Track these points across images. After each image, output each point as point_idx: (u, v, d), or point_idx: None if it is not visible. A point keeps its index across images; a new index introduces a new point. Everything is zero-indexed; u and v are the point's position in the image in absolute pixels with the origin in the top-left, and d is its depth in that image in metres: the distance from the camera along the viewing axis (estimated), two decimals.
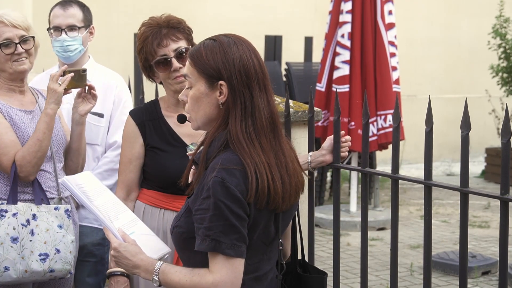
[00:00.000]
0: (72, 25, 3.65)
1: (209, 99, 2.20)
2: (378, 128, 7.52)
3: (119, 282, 3.05)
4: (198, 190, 2.17)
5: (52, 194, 3.22)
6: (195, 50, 2.22)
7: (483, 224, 7.82)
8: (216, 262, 2.11)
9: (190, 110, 2.25)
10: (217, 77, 2.17)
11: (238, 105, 2.17)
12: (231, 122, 2.17)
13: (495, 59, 10.04)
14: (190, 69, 2.22)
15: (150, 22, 3.05)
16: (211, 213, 2.09)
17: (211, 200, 2.09)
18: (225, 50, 2.18)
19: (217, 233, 2.09)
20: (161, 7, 3.78)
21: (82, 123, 3.24)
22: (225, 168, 2.11)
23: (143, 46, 3.03)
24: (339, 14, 7.58)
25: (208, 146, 2.18)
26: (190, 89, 2.22)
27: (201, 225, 2.11)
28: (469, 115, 2.73)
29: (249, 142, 2.15)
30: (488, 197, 2.76)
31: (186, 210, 2.21)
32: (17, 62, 3.21)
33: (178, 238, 2.22)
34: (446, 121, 10.31)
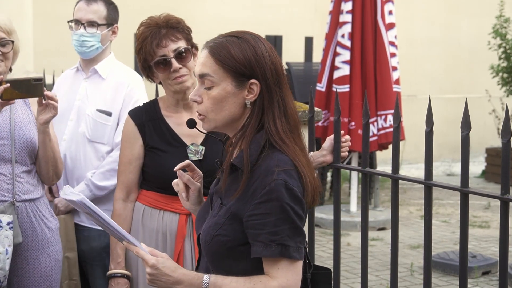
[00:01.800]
0: (92, 21, 3.60)
1: (236, 99, 2.09)
2: (378, 128, 7.52)
3: (120, 283, 3.05)
4: (246, 195, 2.05)
5: (4, 196, 3.15)
6: (219, 48, 2.09)
7: (483, 224, 7.82)
8: (280, 267, 2.02)
9: (209, 111, 2.11)
10: (248, 76, 2.08)
11: (274, 104, 2.09)
12: (268, 121, 2.08)
13: (495, 59, 10.04)
14: (213, 68, 2.09)
15: (149, 22, 3.04)
16: (275, 217, 2.00)
17: (275, 204, 2.00)
18: (254, 47, 2.09)
19: (284, 237, 2.01)
20: (160, 7, 3.77)
21: (43, 132, 3.13)
22: (284, 170, 2.03)
23: (142, 47, 3.02)
24: (339, 14, 7.58)
25: (248, 149, 2.08)
26: (210, 89, 2.10)
27: (261, 230, 2.01)
28: (469, 115, 2.73)
29: (292, 141, 2.10)
30: (488, 197, 2.75)
31: (229, 217, 2.07)
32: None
33: (220, 247, 2.08)
34: (446, 121, 10.30)
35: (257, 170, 2.05)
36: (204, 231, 2.13)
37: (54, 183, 3.35)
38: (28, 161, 3.23)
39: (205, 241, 2.10)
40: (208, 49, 2.12)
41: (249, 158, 2.05)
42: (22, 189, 3.19)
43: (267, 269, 2.04)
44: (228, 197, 2.10)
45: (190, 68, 3.03)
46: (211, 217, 2.13)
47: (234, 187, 2.08)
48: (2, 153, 3.17)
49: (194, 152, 3.04)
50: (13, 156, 3.18)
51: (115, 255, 3.07)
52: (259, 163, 2.06)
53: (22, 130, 3.20)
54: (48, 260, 3.24)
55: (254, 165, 2.06)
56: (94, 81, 3.67)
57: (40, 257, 3.23)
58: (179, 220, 3.01)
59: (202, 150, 3.04)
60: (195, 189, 2.30)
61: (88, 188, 3.53)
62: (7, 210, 3.13)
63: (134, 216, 3.09)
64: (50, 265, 3.25)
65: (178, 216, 3.01)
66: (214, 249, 2.09)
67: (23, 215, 3.19)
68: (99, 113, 3.57)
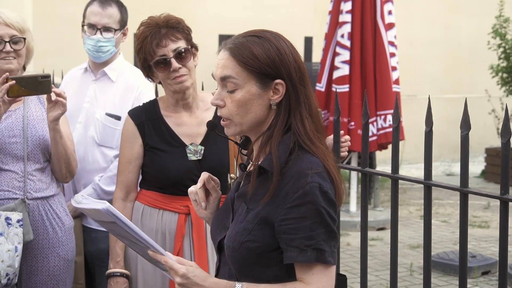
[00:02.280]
0: (108, 27, 3.56)
1: (261, 100, 2.01)
2: (378, 128, 7.52)
3: (119, 282, 3.05)
4: (277, 199, 1.97)
5: (16, 194, 3.17)
6: (241, 49, 2.01)
7: (483, 224, 7.82)
8: (314, 273, 1.95)
9: (234, 115, 2.02)
10: (273, 76, 2.00)
11: (301, 103, 2.02)
12: (296, 122, 2.01)
13: (495, 59, 10.04)
14: (236, 70, 2.00)
15: (149, 22, 3.04)
16: (311, 221, 1.93)
17: (310, 207, 1.93)
18: (276, 46, 2.01)
19: (319, 242, 1.93)
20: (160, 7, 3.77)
21: (53, 129, 3.13)
22: (317, 172, 1.96)
23: (142, 46, 3.02)
24: (339, 14, 7.58)
25: (277, 151, 1.99)
26: (233, 92, 2.01)
27: (296, 235, 1.93)
28: (469, 115, 2.73)
29: (319, 142, 2.04)
30: (488, 197, 2.75)
31: (258, 222, 1.99)
32: (4, 61, 3.19)
33: (249, 254, 1.99)
34: (446, 121, 10.31)
35: (287, 173, 1.97)
36: (229, 237, 2.03)
37: (67, 180, 3.33)
38: (41, 159, 3.23)
39: (232, 248, 2.01)
40: (228, 50, 2.03)
41: (278, 161, 1.98)
42: (34, 187, 3.19)
43: (300, 275, 1.97)
44: (255, 201, 2.02)
45: (190, 68, 3.03)
46: (237, 222, 2.04)
47: (261, 191, 2.01)
48: (14, 150, 3.18)
49: (193, 152, 3.04)
50: (25, 154, 3.19)
51: (114, 254, 3.08)
52: (289, 166, 1.98)
53: (35, 128, 3.22)
54: (57, 259, 3.25)
55: (283, 168, 1.98)
56: (103, 84, 3.64)
57: (50, 256, 3.23)
58: (178, 220, 3.02)
59: (201, 150, 3.04)
60: (217, 197, 2.21)
61: (96, 193, 3.51)
62: (18, 208, 3.14)
63: (133, 215, 3.09)
64: (58, 265, 3.25)
65: (177, 215, 3.01)
66: (242, 256, 2.01)
67: (35, 213, 3.20)
68: (108, 117, 3.54)
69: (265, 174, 2.01)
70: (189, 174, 3.00)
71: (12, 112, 3.23)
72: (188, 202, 3.01)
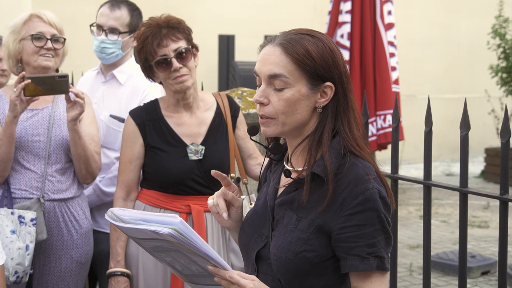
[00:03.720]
0: (114, 28, 3.56)
1: (308, 102, 1.93)
2: (378, 128, 7.52)
3: (120, 282, 3.06)
4: (333, 206, 1.90)
5: (32, 194, 3.18)
6: (296, 46, 1.92)
7: (482, 224, 7.82)
8: (373, 281, 1.89)
9: (279, 113, 1.93)
10: (324, 78, 1.93)
11: (349, 109, 1.96)
12: (344, 127, 1.95)
13: (495, 59, 10.04)
14: (289, 68, 1.91)
15: (149, 22, 3.05)
16: (372, 228, 1.87)
17: (371, 214, 1.87)
18: (330, 48, 1.95)
19: (380, 249, 1.88)
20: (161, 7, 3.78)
21: (72, 129, 3.14)
22: (374, 178, 1.91)
23: (143, 46, 3.02)
24: (338, 14, 7.58)
25: (329, 157, 1.92)
26: (281, 90, 1.92)
27: (356, 243, 1.87)
28: (468, 115, 2.74)
29: (367, 147, 1.99)
30: (487, 197, 2.76)
31: (314, 231, 1.91)
32: (43, 57, 3.22)
33: (305, 264, 1.92)
34: (445, 121, 10.31)
35: (343, 179, 1.91)
36: (280, 247, 1.94)
37: (88, 182, 3.32)
38: (63, 159, 3.24)
39: (286, 258, 1.92)
40: (280, 46, 1.93)
41: (331, 166, 1.91)
42: (52, 188, 3.20)
43: (357, 284, 1.91)
44: (305, 209, 1.94)
45: (191, 68, 3.04)
46: (287, 232, 1.95)
47: (312, 198, 1.93)
48: (36, 149, 3.20)
49: (194, 151, 3.05)
50: (47, 154, 3.20)
51: (114, 254, 3.08)
52: (344, 171, 1.91)
53: (60, 128, 3.23)
54: (70, 262, 3.25)
55: (338, 174, 1.91)
56: (111, 86, 3.65)
57: (62, 257, 3.24)
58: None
59: (202, 150, 3.05)
60: (238, 206, 2.10)
61: (95, 193, 3.53)
62: (33, 207, 3.15)
63: None
64: (70, 267, 3.25)
65: (178, 215, 3.01)
66: (297, 266, 1.92)
67: (50, 214, 3.20)
68: (112, 119, 3.55)
69: (316, 181, 1.94)
70: (190, 173, 3.01)
71: (39, 111, 3.25)
72: (189, 202, 3.02)
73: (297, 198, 1.96)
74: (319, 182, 1.92)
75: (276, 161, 2.12)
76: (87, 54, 3.80)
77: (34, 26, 3.22)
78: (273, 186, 2.06)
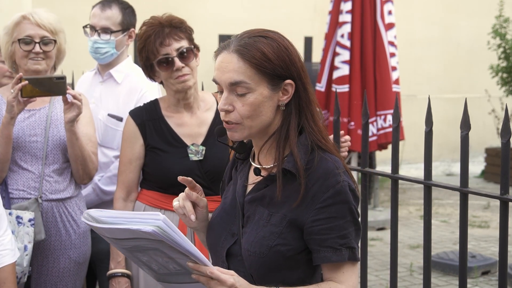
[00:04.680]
0: (106, 28, 3.58)
1: (271, 102, 1.96)
2: (378, 128, 7.52)
3: (120, 283, 3.06)
4: (305, 200, 1.94)
5: (30, 194, 3.18)
6: (252, 51, 1.94)
7: (482, 224, 7.82)
8: (345, 271, 1.95)
9: (245, 118, 1.95)
10: (283, 77, 1.95)
11: (311, 103, 2.00)
12: (308, 122, 1.99)
13: (495, 59, 10.04)
14: (249, 73, 1.93)
15: (151, 22, 3.05)
16: (343, 220, 1.92)
17: (342, 206, 1.92)
18: (285, 46, 1.96)
19: (351, 240, 1.93)
20: (161, 7, 3.77)
21: (69, 130, 3.13)
22: (343, 172, 1.95)
23: (145, 45, 3.02)
24: (338, 14, 7.58)
25: (298, 153, 1.95)
26: (244, 95, 1.94)
27: (328, 235, 1.91)
28: (468, 115, 2.74)
29: (331, 142, 2.02)
30: (487, 197, 2.76)
31: (287, 225, 1.95)
32: (33, 61, 3.21)
33: (279, 257, 1.95)
34: (445, 121, 10.31)
35: (313, 174, 1.94)
36: (253, 243, 1.98)
37: (85, 182, 3.32)
38: (61, 159, 3.24)
39: (260, 253, 1.96)
40: (236, 53, 1.95)
41: (301, 162, 1.94)
42: (49, 188, 3.20)
43: (330, 275, 1.96)
44: (276, 204, 1.98)
45: (192, 68, 3.03)
46: (260, 227, 1.98)
47: (283, 193, 1.96)
48: (34, 150, 3.19)
49: (194, 152, 3.05)
50: (44, 154, 3.20)
51: (115, 255, 3.08)
52: (314, 166, 1.95)
53: (57, 128, 3.22)
54: (68, 262, 3.25)
55: (308, 169, 1.94)
56: (109, 85, 3.67)
57: (61, 258, 3.24)
58: (180, 220, 3.01)
59: (203, 150, 3.05)
60: (204, 205, 2.12)
61: (94, 193, 3.54)
62: (30, 207, 3.15)
63: None
64: (68, 267, 3.25)
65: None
66: (271, 260, 1.96)
67: (48, 214, 3.20)
68: (110, 118, 3.56)
69: (286, 176, 1.96)
70: (190, 174, 3.00)
71: (36, 111, 3.24)
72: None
73: (268, 194, 2.00)
74: (289, 178, 1.96)
75: (242, 160, 2.15)
76: (87, 53, 3.80)
77: (23, 29, 3.20)
78: (242, 184, 2.09)
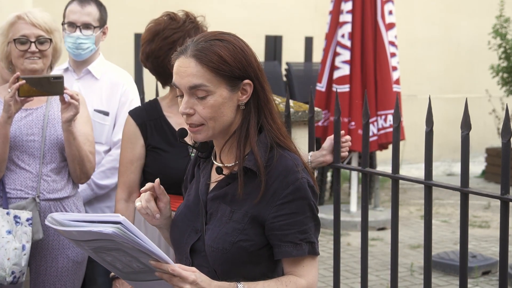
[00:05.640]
0: (87, 23, 3.65)
1: (231, 103, 2.03)
2: (379, 128, 7.52)
3: (124, 284, 3.05)
4: (265, 197, 2.00)
5: (28, 194, 3.18)
6: (209, 55, 1.99)
7: (483, 224, 7.82)
8: (305, 265, 2.02)
9: (207, 119, 2.02)
10: (241, 77, 2.02)
11: (269, 101, 2.06)
12: (267, 120, 2.06)
13: (495, 59, 10.04)
14: (207, 76, 1.99)
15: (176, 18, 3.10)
16: (303, 216, 1.99)
17: (302, 202, 1.99)
18: (240, 47, 2.03)
19: (311, 235, 2.01)
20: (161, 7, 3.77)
21: (66, 130, 3.14)
22: (302, 169, 2.02)
23: (183, 35, 3.02)
24: (339, 14, 7.58)
25: (258, 151, 2.02)
26: (204, 98, 2.00)
27: (289, 230, 1.98)
28: (469, 115, 2.73)
29: (290, 139, 2.09)
30: (488, 197, 2.76)
31: (248, 221, 2.01)
32: (29, 60, 3.21)
33: (242, 253, 2.01)
34: (446, 121, 10.31)
35: (273, 171, 2.01)
36: (215, 239, 2.03)
37: (82, 182, 3.34)
38: (58, 159, 3.24)
39: (223, 249, 2.02)
40: (193, 57, 2.00)
41: (261, 160, 2.00)
42: (47, 187, 3.20)
43: (290, 269, 2.02)
44: (238, 201, 2.03)
45: None
46: (221, 224, 2.04)
47: (245, 190, 2.02)
48: (31, 149, 3.20)
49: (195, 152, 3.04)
50: (42, 153, 3.20)
51: None
52: (273, 164, 2.01)
53: (54, 127, 3.23)
54: (66, 261, 3.25)
55: (268, 166, 2.01)
56: (87, 82, 3.71)
57: (59, 257, 3.24)
58: None
59: None
60: (167, 201, 2.18)
61: (90, 187, 3.57)
62: (28, 206, 3.15)
63: (136, 216, 3.09)
64: (67, 266, 3.25)
65: None
66: (234, 256, 2.01)
67: (46, 214, 3.19)
68: (97, 113, 3.61)
69: (247, 174, 2.03)
70: None
71: (33, 110, 3.25)
72: None
73: (230, 192, 2.06)
74: (250, 176, 2.02)
75: (204, 159, 2.20)
76: None
77: (18, 29, 3.21)
78: (204, 182, 2.14)
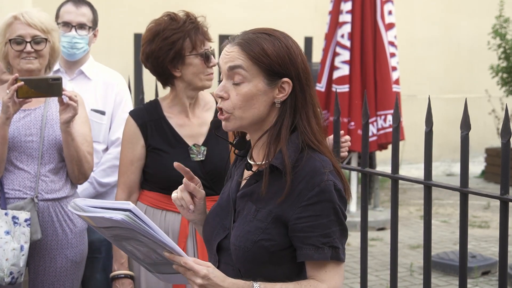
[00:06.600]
0: (83, 24, 3.71)
1: (266, 97, 2.01)
2: (378, 128, 7.53)
3: (124, 284, 3.05)
4: (290, 197, 1.98)
5: (26, 194, 3.18)
6: (252, 44, 2.00)
7: (483, 224, 7.82)
8: (327, 270, 1.98)
9: (236, 108, 2.01)
10: (281, 74, 2.01)
11: (308, 104, 2.04)
12: (302, 122, 2.03)
13: (495, 59, 10.04)
14: (246, 63, 2.00)
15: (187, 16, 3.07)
16: (327, 219, 1.96)
17: (326, 205, 1.96)
18: (287, 46, 2.02)
19: (335, 239, 1.97)
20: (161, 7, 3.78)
21: (65, 131, 3.14)
22: (330, 171, 1.99)
23: (185, 34, 2.99)
24: (339, 14, 7.58)
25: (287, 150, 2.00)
26: (239, 84, 2.00)
27: (312, 233, 1.95)
28: (469, 115, 2.74)
29: (325, 142, 2.07)
30: (488, 197, 2.76)
31: (272, 221, 1.99)
32: (25, 60, 3.21)
33: (263, 252, 1.99)
34: (446, 121, 10.31)
35: (300, 172, 1.99)
36: (239, 237, 2.02)
37: (81, 182, 3.34)
38: (57, 159, 3.24)
39: (244, 247, 2.00)
40: (238, 45, 2.02)
41: (289, 159, 1.98)
42: (45, 188, 3.20)
43: (313, 273, 1.99)
44: (264, 200, 2.02)
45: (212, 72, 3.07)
46: (246, 222, 2.03)
47: (270, 189, 2.01)
48: (29, 150, 3.20)
49: (196, 152, 3.05)
50: (40, 154, 3.20)
51: (118, 256, 3.07)
52: (301, 164, 1.99)
53: (52, 128, 3.23)
54: (65, 261, 3.25)
55: (296, 167, 1.99)
56: (80, 82, 3.74)
57: (57, 257, 3.24)
58: (182, 220, 3.01)
59: (204, 151, 3.05)
60: (201, 197, 2.17)
61: (92, 186, 3.60)
62: (26, 207, 3.15)
63: None
64: (65, 266, 3.25)
65: (181, 216, 3.00)
66: (255, 255, 2.00)
67: (44, 214, 3.20)
68: (94, 112, 3.64)
69: (274, 173, 2.01)
70: None
71: (32, 111, 3.25)
72: None
73: (257, 190, 2.04)
74: (277, 175, 2.00)
75: (241, 157, 2.20)
76: (91, 52, 3.84)
77: (14, 29, 3.22)
78: (236, 179, 2.14)
